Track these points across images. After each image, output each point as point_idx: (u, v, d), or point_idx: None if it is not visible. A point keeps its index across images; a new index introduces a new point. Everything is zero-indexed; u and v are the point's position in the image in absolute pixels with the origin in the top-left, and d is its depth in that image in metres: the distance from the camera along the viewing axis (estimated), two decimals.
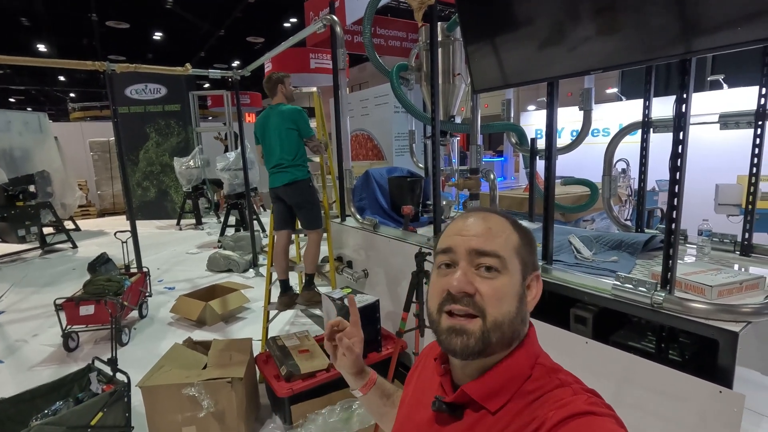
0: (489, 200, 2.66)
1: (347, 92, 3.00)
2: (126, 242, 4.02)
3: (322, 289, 3.69)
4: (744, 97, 4.51)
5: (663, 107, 2.44)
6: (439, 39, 2.72)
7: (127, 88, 8.31)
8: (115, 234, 4.03)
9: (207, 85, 20.18)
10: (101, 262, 3.64)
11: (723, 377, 1.23)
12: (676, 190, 1.34)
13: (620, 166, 4.55)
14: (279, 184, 2.77)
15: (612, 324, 1.69)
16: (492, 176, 2.60)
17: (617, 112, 5.81)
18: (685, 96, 1.29)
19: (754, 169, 1.82)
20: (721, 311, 1.29)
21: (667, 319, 1.36)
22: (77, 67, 4.20)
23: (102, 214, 9.61)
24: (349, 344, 0.81)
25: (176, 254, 5.93)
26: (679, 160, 1.32)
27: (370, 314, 2.39)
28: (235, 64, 19.18)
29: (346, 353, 0.82)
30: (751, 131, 1.87)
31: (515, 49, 1.71)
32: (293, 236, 3.83)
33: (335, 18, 2.86)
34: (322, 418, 1.96)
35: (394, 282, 2.71)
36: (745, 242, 1.90)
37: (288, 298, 2.92)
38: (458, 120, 3.00)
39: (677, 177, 1.33)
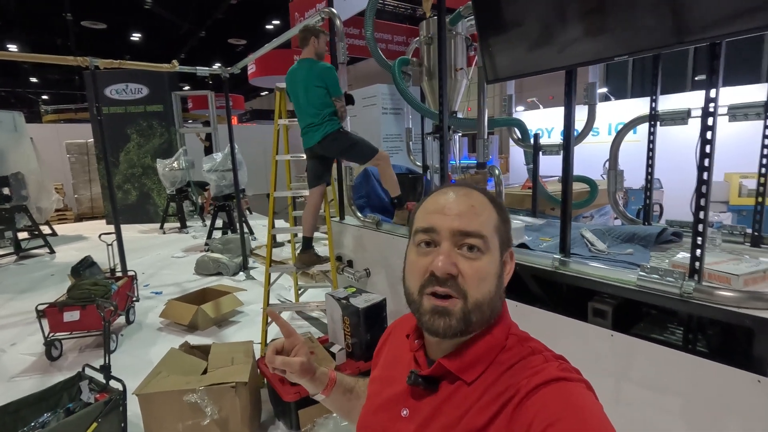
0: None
1: (346, 87, 2.93)
2: (111, 245, 3.83)
3: (325, 290, 3.59)
4: (729, 96, 4.61)
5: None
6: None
7: (107, 88, 8.03)
8: (99, 236, 3.85)
9: (187, 87, 19.75)
10: (85, 266, 3.46)
11: (759, 366, 1.21)
12: (705, 178, 1.32)
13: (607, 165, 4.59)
14: (313, 143, 2.66)
15: (630, 317, 1.67)
16: (497, 172, 2.57)
17: (606, 112, 5.89)
18: (714, 81, 1.27)
19: (765, 160, 1.82)
20: (753, 299, 1.28)
21: (697, 309, 1.34)
22: (58, 62, 4.01)
23: (79, 218, 9.24)
24: (283, 360, 0.77)
25: (161, 258, 5.72)
26: (708, 147, 1.30)
27: (377, 314, 2.31)
28: (216, 66, 18.91)
29: (288, 369, 0.77)
30: (735, 132, 1.88)
31: (532, 39, 1.68)
32: (289, 235, 3.73)
33: (334, 11, 2.79)
34: (333, 422, 1.88)
35: (398, 279, 2.63)
36: (756, 233, 1.91)
37: (308, 257, 2.82)
38: (459, 116, 2.97)
39: (706, 164, 1.31)
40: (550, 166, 3.40)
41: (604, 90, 5.98)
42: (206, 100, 12.96)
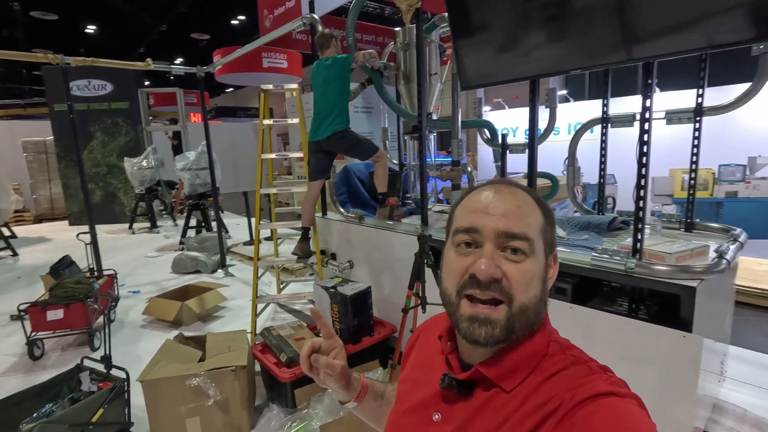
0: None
1: None
2: (90, 245, 3.82)
3: (305, 285, 3.72)
4: (674, 100, 5.10)
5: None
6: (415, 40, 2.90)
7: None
8: (78, 236, 3.82)
9: (147, 83, 19.02)
10: (65, 266, 3.45)
11: (685, 325, 1.50)
12: (644, 172, 1.59)
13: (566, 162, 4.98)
14: (321, 137, 2.84)
15: (586, 294, 1.95)
16: (469, 169, 2.81)
17: (566, 113, 6.32)
18: (648, 93, 1.55)
19: (694, 158, 2.15)
20: (681, 271, 1.57)
21: (638, 282, 1.62)
22: (25, 59, 3.93)
23: (38, 219, 8.86)
24: (327, 362, 0.72)
25: (134, 258, 5.65)
26: (645, 147, 1.58)
27: (362, 301, 2.50)
28: (178, 61, 18.34)
29: (329, 371, 0.72)
30: (678, 132, 2.20)
31: (501, 51, 1.91)
32: (271, 231, 3.85)
33: (316, 16, 2.94)
34: (329, 398, 2.05)
35: (380, 270, 2.84)
36: (689, 220, 2.24)
37: (306, 246, 3.04)
38: (433, 117, 3.19)
39: (644, 161, 1.59)
40: (516, 163, 3.71)
41: (564, 92, 6.41)
42: (169, 97, 12.64)
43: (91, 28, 14.18)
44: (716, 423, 2.02)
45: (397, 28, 3.02)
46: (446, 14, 2.62)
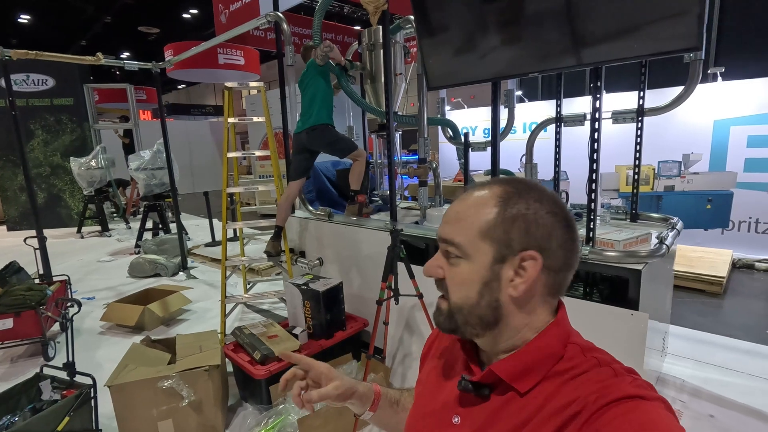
0: (434, 187, 2.98)
1: (296, 89, 3.10)
2: (37, 250, 3.60)
3: (271, 284, 3.68)
4: (619, 101, 5.46)
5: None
6: (381, 41, 2.97)
7: (2, 79, 7.17)
8: (25, 240, 3.59)
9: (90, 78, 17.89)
10: (12, 272, 3.23)
11: (632, 304, 1.67)
12: (595, 168, 1.75)
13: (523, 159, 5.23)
14: (300, 129, 2.92)
15: None
16: (435, 165, 2.92)
17: (521, 113, 6.60)
18: (598, 95, 1.70)
19: (638, 154, 2.36)
20: (628, 256, 1.74)
21: (592, 267, 1.78)
22: None
23: None
24: (321, 393, 0.70)
25: (86, 263, 5.36)
26: (596, 145, 1.73)
27: (334, 296, 2.54)
28: (125, 55, 17.36)
29: (327, 400, 0.71)
30: (621, 131, 2.41)
31: (462, 51, 2.02)
32: (237, 230, 3.79)
33: (281, 14, 2.94)
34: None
35: (350, 266, 2.89)
36: (633, 212, 2.46)
37: (279, 244, 3.12)
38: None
39: (595, 158, 1.74)
40: (476, 160, 3.87)
41: (519, 93, 6.72)
42: (115, 94, 11.96)
43: (24, 18, 13.17)
44: (659, 393, 2.25)
45: (357, 27, 3.08)
46: (410, 16, 2.72)
